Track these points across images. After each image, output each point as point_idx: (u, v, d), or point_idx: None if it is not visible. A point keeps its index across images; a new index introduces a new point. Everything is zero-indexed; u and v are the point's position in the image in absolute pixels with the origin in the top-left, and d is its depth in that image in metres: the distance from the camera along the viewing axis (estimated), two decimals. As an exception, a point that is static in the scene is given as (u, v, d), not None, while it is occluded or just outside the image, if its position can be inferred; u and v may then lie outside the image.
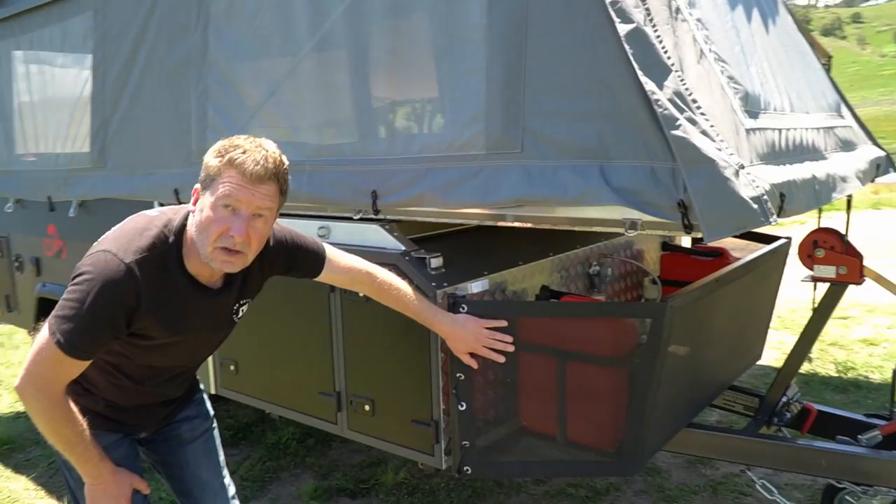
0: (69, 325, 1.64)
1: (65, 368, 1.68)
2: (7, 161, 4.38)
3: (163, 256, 1.73)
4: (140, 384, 1.94)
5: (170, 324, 1.79)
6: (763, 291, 3.34)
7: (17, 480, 3.86)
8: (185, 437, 2.17)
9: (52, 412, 1.70)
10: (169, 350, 1.87)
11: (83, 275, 1.66)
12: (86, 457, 1.78)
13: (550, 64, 2.07)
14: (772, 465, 2.66)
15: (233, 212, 1.70)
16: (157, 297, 1.71)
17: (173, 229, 1.76)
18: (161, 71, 3.29)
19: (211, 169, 1.72)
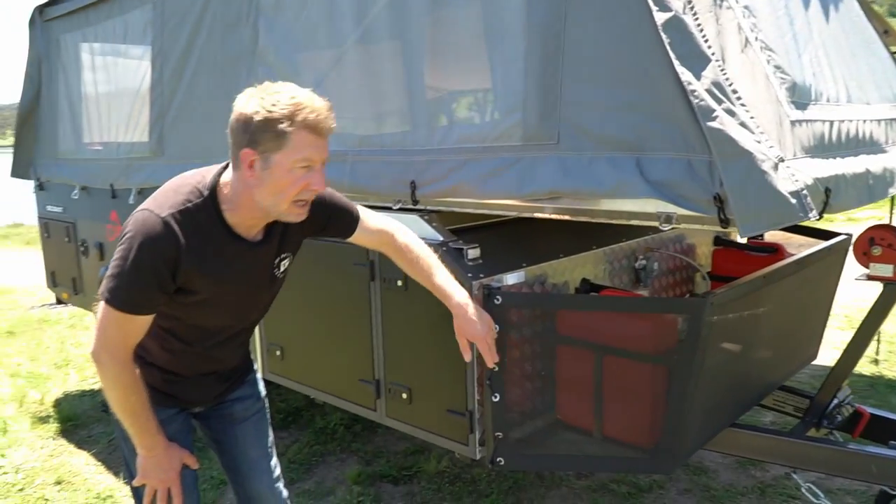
0: (117, 282, 1.70)
1: (127, 328, 1.74)
2: (75, 149, 4.56)
3: (199, 209, 1.76)
4: (192, 346, 1.98)
5: (212, 275, 1.82)
6: (819, 289, 3.22)
7: (78, 455, 4.03)
8: (237, 415, 2.22)
9: (123, 378, 1.77)
10: (215, 306, 1.90)
11: (125, 235, 1.72)
12: (145, 427, 1.85)
13: (589, 54, 2.04)
14: (819, 469, 2.57)
15: (309, 168, 1.74)
16: (197, 249, 1.75)
17: (207, 184, 1.79)
18: (214, 62, 3.37)
19: (274, 129, 1.67)
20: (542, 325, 2.44)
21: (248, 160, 1.71)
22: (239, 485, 2.27)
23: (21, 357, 5.98)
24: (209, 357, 2.06)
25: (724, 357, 2.60)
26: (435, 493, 3.41)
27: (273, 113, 1.67)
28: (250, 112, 1.68)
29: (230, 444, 2.24)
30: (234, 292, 1.92)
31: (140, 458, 1.90)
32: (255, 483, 2.25)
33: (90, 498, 3.52)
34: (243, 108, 1.70)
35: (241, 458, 2.24)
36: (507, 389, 2.37)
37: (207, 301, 1.87)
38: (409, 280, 2.56)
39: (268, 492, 2.26)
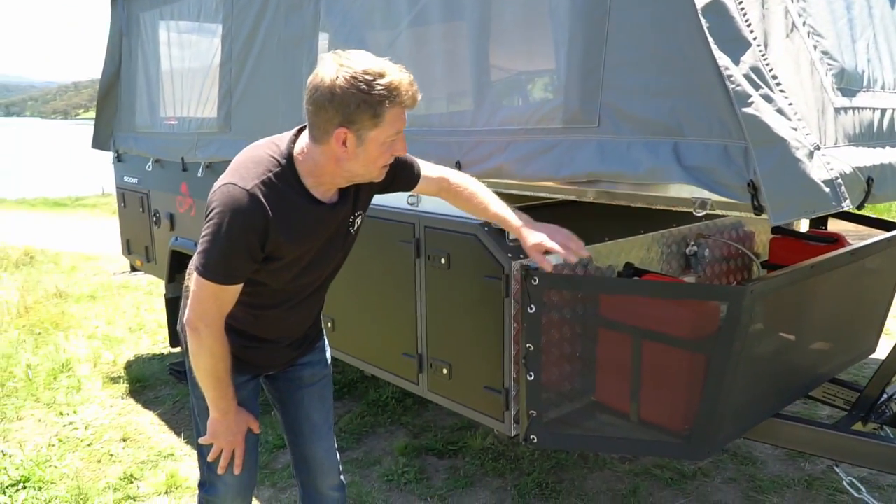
0: (210, 255, 1.80)
1: (221, 298, 1.86)
2: (150, 123, 4.76)
3: (280, 178, 1.84)
4: (273, 308, 2.09)
5: (297, 238, 1.91)
6: (879, 281, 3.13)
7: (144, 415, 4.27)
8: (305, 380, 2.33)
9: (216, 347, 1.90)
10: (297, 266, 2.00)
11: (213, 210, 1.81)
12: (224, 393, 1.99)
13: (631, 38, 2.04)
14: (862, 464, 2.52)
15: (397, 136, 1.84)
16: (282, 216, 1.84)
17: (283, 153, 1.87)
18: (279, 42, 3.48)
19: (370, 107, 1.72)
20: (580, 307, 2.47)
21: (342, 138, 1.77)
22: (298, 446, 2.38)
23: (99, 320, 6.33)
24: (288, 319, 2.16)
25: (766, 346, 2.57)
26: (478, 469, 3.48)
27: (372, 95, 1.71)
28: (343, 90, 1.70)
29: (295, 406, 2.35)
30: (315, 252, 2.01)
31: (212, 420, 2.04)
32: (314, 446, 2.36)
33: (152, 455, 3.73)
34: (333, 85, 1.70)
35: (303, 421, 2.35)
36: (542, 369, 2.41)
37: (290, 263, 1.96)
38: (452, 259, 2.63)
39: (324, 455, 2.38)
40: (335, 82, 1.71)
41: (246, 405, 2.13)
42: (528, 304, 2.35)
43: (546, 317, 2.39)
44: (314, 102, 1.76)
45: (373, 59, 1.76)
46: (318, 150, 1.84)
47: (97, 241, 10.73)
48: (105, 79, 5.21)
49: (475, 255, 2.52)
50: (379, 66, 1.74)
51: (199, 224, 1.87)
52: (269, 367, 2.27)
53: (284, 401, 2.36)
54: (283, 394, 2.36)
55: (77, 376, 4.89)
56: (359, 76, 1.70)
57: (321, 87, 1.73)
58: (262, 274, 1.95)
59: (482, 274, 2.50)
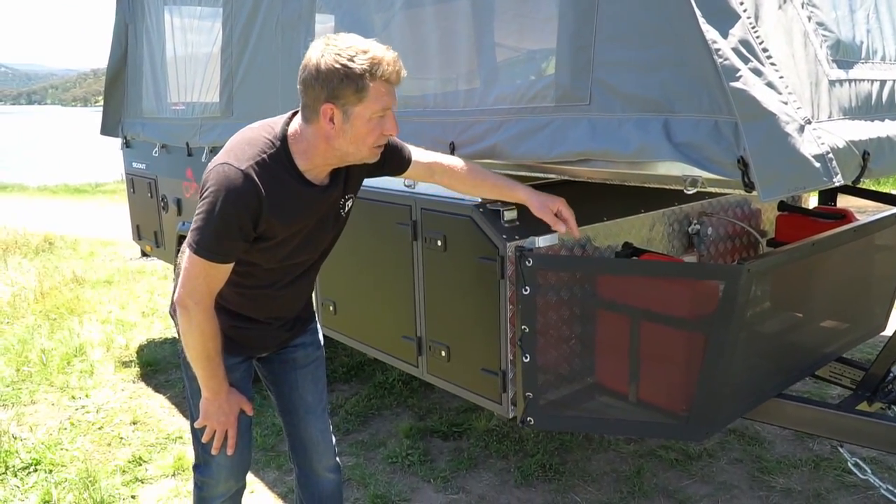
0: (203, 233, 1.81)
1: (211, 275, 1.87)
2: (156, 109, 4.78)
3: (273, 159, 1.87)
4: (264, 288, 2.10)
5: (288, 219, 1.93)
6: (887, 258, 3.07)
7: (154, 398, 4.31)
8: (299, 361, 2.34)
9: (205, 325, 1.91)
10: (288, 247, 2.01)
11: (207, 189, 1.83)
12: (214, 373, 1.99)
13: (622, 12, 1.99)
14: (866, 444, 2.47)
15: (384, 115, 1.85)
16: (275, 196, 1.86)
17: (277, 135, 1.90)
18: (277, 25, 3.46)
19: (354, 83, 1.76)
20: (576, 287, 2.44)
21: (329, 114, 1.81)
22: (293, 426, 2.39)
23: (113, 305, 6.39)
24: (279, 299, 2.17)
25: (767, 325, 2.53)
26: (482, 451, 3.47)
27: (353, 68, 1.75)
28: (327, 67, 1.76)
29: (289, 387, 2.36)
30: (306, 233, 2.02)
31: (203, 401, 2.05)
32: (309, 427, 2.37)
33: (160, 438, 3.77)
34: (318, 63, 1.77)
35: (298, 402, 2.36)
36: (538, 351, 2.39)
37: (281, 243, 1.98)
38: (448, 240, 2.61)
39: (319, 436, 2.39)
40: (320, 60, 1.77)
41: (239, 387, 2.14)
42: (522, 286, 2.33)
43: (542, 298, 2.37)
44: (303, 82, 1.82)
45: (358, 39, 1.81)
46: (310, 131, 1.87)
47: (115, 226, 10.82)
48: (112, 65, 5.24)
49: (470, 236, 2.50)
50: (363, 44, 1.80)
51: None
52: (261, 348, 2.28)
53: (278, 382, 2.38)
54: (276, 375, 2.37)
55: (90, 360, 4.95)
56: (342, 52, 1.76)
57: (308, 67, 1.79)
58: (254, 253, 1.96)
59: (477, 255, 2.48)
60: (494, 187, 2.30)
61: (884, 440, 2.42)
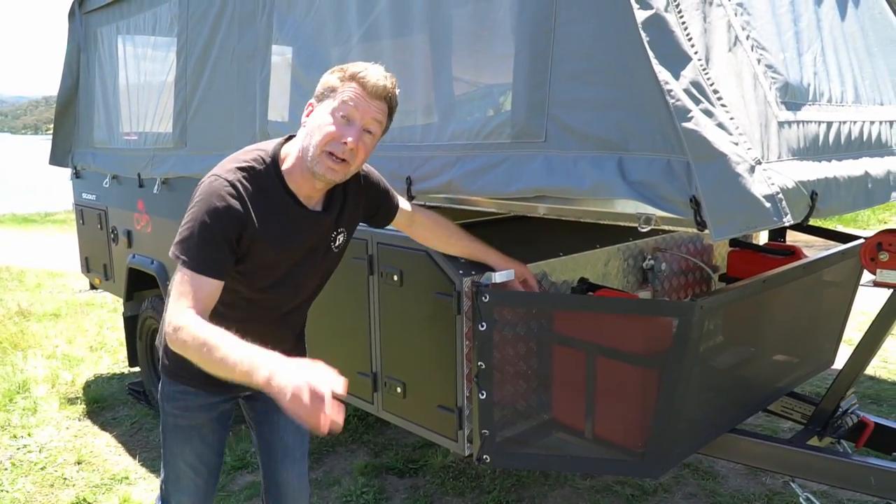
0: (189, 243, 1.76)
1: (204, 290, 1.73)
2: (107, 139, 4.69)
3: (262, 174, 1.86)
4: (251, 323, 1.99)
5: (275, 237, 1.87)
6: (835, 294, 3.14)
7: (101, 437, 4.17)
8: None
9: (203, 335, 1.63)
10: (275, 274, 1.95)
11: (194, 199, 1.81)
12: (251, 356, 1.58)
13: (577, 51, 2.01)
14: (816, 479, 2.51)
15: (348, 121, 1.83)
16: (261, 210, 1.83)
17: (269, 152, 1.91)
18: (233, 56, 3.43)
19: (330, 82, 1.87)
20: (533, 323, 2.44)
21: (308, 110, 1.90)
22: (270, 468, 2.32)
23: (60, 339, 6.20)
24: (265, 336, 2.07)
25: (721, 361, 2.55)
26: (438, 488, 3.42)
27: (339, 72, 1.87)
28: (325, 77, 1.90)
29: (270, 427, 2.29)
30: (293, 259, 1.97)
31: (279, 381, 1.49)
32: (286, 470, 2.30)
33: (106, 478, 3.64)
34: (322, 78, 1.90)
35: (277, 444, 2.29)
36: (495, 387, 2.37)
37: (267, 267, 1.92)
38: (404, 275, 2.59)
39: (296, 481, 2.32)
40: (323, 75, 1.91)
41: (215, 427, 2.09)
42: (479, 322, 2.31)
43: (498, 334, 2.35)
44: None
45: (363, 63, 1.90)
46: (298, 137, 1.93)
47: (65, 257, 10.55)
48: (63, 94, 5.14)
49: (427, 271, 2.48)
50: (363, 63, 1.89)
51: (157, 241, 1.83)
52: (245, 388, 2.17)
53: (260, 422, 2.31)
54: (259, 415, 2.30)
55: (34, 397, 4.77)
56: (341, 66, 1.89)
57: None
58: (238, 278, 1.89)
59: (434, 290, 2.46)
60: (467, 248, 2.36)
61: (833, 475, 2.45)
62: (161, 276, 4.02)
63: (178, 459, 2.10)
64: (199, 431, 2.13)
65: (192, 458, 2.12)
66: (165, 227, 3.99)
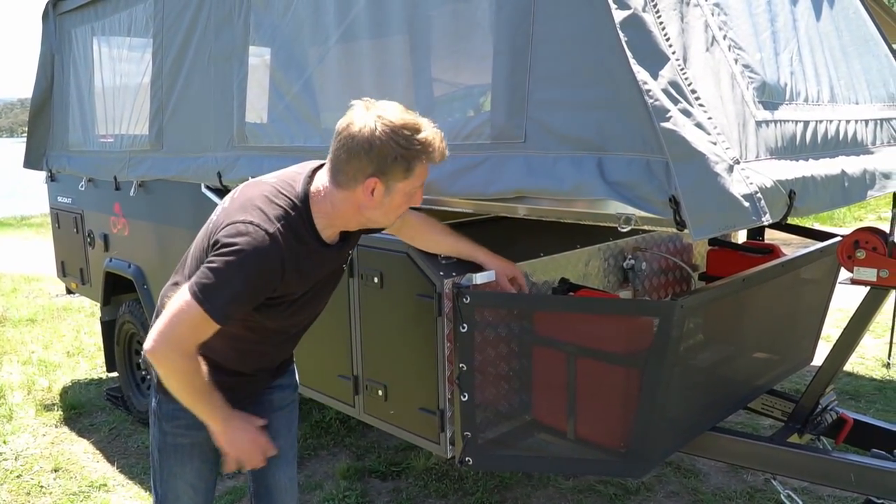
0: (218, 290, 1.70)
1: (204, 331, 1.74)
2: (83, 142, 4.63)
3: (296, 221, 1.82)
4: (262, 344, 2.02)
5: (303, 280, 1.88)
6: (813, 292, 3.16)
7: (78, 443, 4.11)
8: (275, 403, 2.27)
9: (187, 366, 1.78)
10: (299, 305, 1.95)
11: (231, 246, 1.72)
12: (214, 403, 1.88)
13: (556, 52, 2.01)
14: (797, 476, 2.52)
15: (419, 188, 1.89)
16: (295, 259, 1.80)
17: (299, 195, 1.84)
18: (210, 57, 3.40)
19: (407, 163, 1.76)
20: (514, 324, 2.43)
21: (371, 187, 1.78)
22: (260, 472, 2.28)
23: (36, 345, 6.12)
24: (273, 354, 2.12)
25: (701, 359, 2.56)
26: (421, 490, 3.41)
27: (409, 150, 1.75)
28: (382, 143, 1.72)
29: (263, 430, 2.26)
30: (313, 292, 1.98)
31: (219, 435, 1.91)
32: (277, 472, 2.29)
33: (83, 486, 3.59)
34: (371, 137, 1.72)
35: None
36: (476, 389, 2.36)
37: (291, 303, 1.92)
38: (384, 277, 2.58)
39: (287, 483, 2.33)
40: (374, 133, 1.72)
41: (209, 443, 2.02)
42: (460, 323, 2.30)
43: (480, 335, 2.35)
44: (348, 150, 1.76)
45: (407, 112, 1.80)
46: (341, 196, 1.82)
47: (41, 261, 10.40)
48: (37, 96, 5.06)
49: (407, 273, 2.47)
50: (415, 120, 1.78)
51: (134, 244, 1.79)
52: (244, 398, 2.15)
53: None
54: None
55: (9, 404, 4.70)
56: (398, 130, 1.74)
57: (357, 137, 1.73)
58: (261, 314, 1.88)
59: (414, 292, 2.45)
60: (454, 246, 2.35)
61: (814, 472, 2.47)
62: (139, 280, 3.98)
63: (178, 480, 2.05)
64: (200, 449, 2.09)
65: (193, 477, 2.08)
66: (143, 230, 3.95)
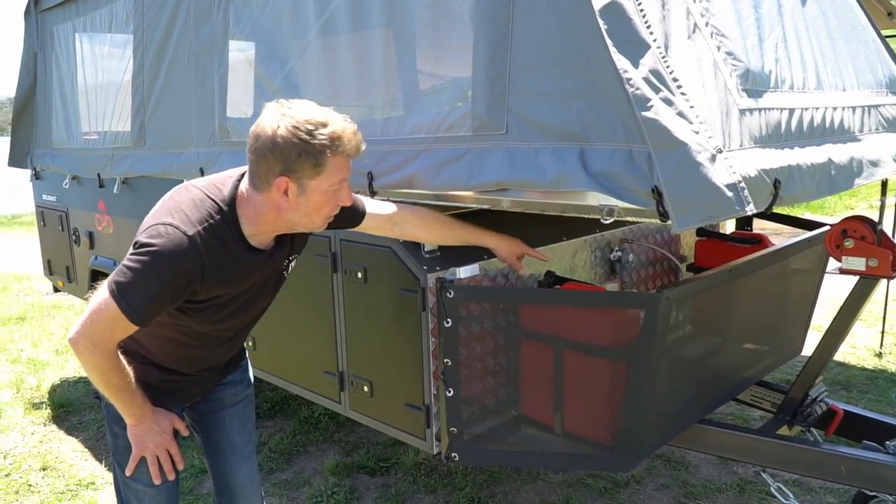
0: (131, 289, 1.66)
1: (121, 330, 1.72)
2: (66, 139, 4.58)
3: (220, 225, 1.76)
4: (197, 348, 2.00)
5: (228, 285, 1.83)
6: (802, 282, 3.14)
7: (67, 442, 4.07)
8: (227, 400, 2.24)
9: (104, 364, 1.76)
10: (227, 311, 1.91)
11: (148, 246, 1.68)
12: (131, 400, 1.87)
13: (536, 41, 1.98)
14: (787, 469, 2.50)
15: (340, 188, 1.80)
16: (217, 264, 1.75)
17: (226, 199, 1.79)
18: (190, 52, 3.35)
19: (308, 156, 1.68)
20: (499, 318, 2.40)
21: (283, 187, 1.73)
22: (219, 469, 2.27)
23: (25, 343, 6.07)
24: (211, 355, 2.07)
25: (689, 351, 2.54)
26: (410, 485, 3.38)
27: (313, 144, 1.68)
28: (284, 140, 1.67)
29: (215, 427, 2.25)
30: (247, 297, 1.93)
31: (131, 431, 1.92)
32: (235, 469, 2.26)
33: (72, 484, 3.55)
34: (274, 134, 1.67)
35: (224, 442, 2.25)
36: (462, 384, 2.33)
37: (218, 307, 1.88)
38: (368, 272, 2.54)
39: (246, 479, 2.28)
40: (276, 132, 1.68)
41: None
42: (444, 318, 2.28)
43: (464, 330, 2.32)
44: (255, 151, 1.72)
45: (316, 109, 1.74)
46: (259, 199, 1.78)
47: (32, 259, 10.31)
48: (20, 94, 5.01)
49: (391, 268, 2.44)
50: (322, 115, 1.72)
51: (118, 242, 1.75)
52: (190, 398, 2.16)
53: (205, 422, 2.25)
54: (202, 415, 2.25)
55: (-3, 404, 4.66)
56: (300, 125, 1.68)
57: (262, 136, 1.70)
58: (188, 316, 1.86)
59: (398, 287, 2.42)
60: (463, 234, 2.32)
61: (804, 464, 2.45)
62: (124, 278, 3.93)
63: (136, 483, 2.02)
64: None
65: (150, 478, 2.04)
66: (127, 227, 3.90)
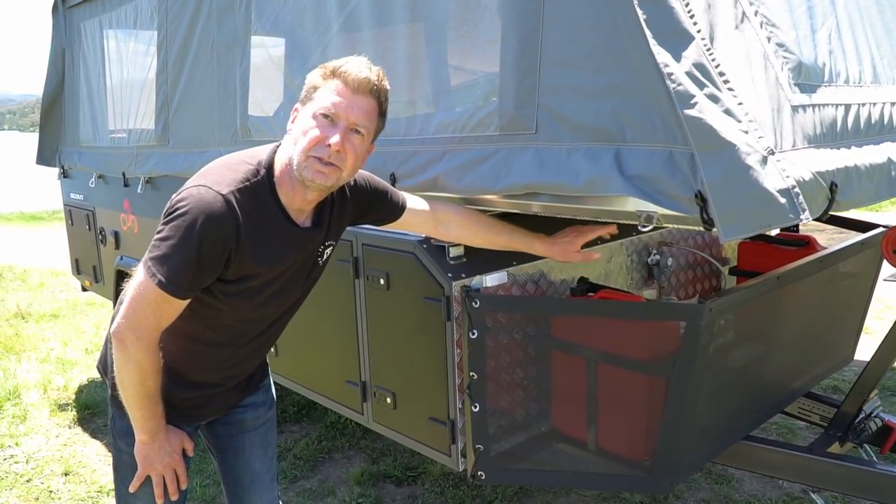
0: (168, 261, 1.57)
1: (164, 310, 1.63)
2: (93, 137, 4.54)
3: (256, 188, 1.67)
4: (225, 346, 1.87)
5: (265, 258, 1.71)
6: (853, 287, 2.95)
7: (91, 445, 4.03)
8: (248, 424, 2.10)
9: (146, 362, 1.67)
10: (260, 294, 1.79)
11: (179, 209, 1.58)
12: (153, 412, 1.77)
13: (568, 33, 1.84)
14: (838, 490, 2.34)
15: (332, 122, 1.65)
16: (253, 229, 1.65)
17: (263, 162, 1.71)
18: (212, 49, 3.26)
19: (312, 82, 1.70)
20: (529, 328, 2.26)
21: (293, 116, 1.73)
22: (237, 497, 2.15)
23: (56, 341, 6.08)
24: (236, 357, 1.94)
25: (732, 364, 2.38)
26: (438, 497, 3.27)
27: (321, 70, 1.69)
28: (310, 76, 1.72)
29: (234, 453, 2.12)
30: (280, 278, 1.81)
31: (140, 448, 1.82)
32: (254, 498, 2.14)
33: (92, 491, 3.50)
34: None
35: (244, 470, 2.12)
36: (489, 399, 2.20)
37: (255, 290, 1.76)
38: (391, 279, 2.42)
39: None
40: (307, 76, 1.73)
41: None
42: (470, 329, 2.15)
43: (491, 342, 2.19)
44: None
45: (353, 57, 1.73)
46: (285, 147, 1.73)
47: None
48: (48, 92, 4.99)
49: (414, 274, 2.31)
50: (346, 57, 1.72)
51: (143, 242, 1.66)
52: (207, 415, 2.03)
53: (222, 447, 2.12)
54: (221, 439, 2.12)
55: (24, 404, 4.64)
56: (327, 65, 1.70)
57: None
58: (222, 299, 1.73)
59: (422, 295, 2.29)
60: (510, 239, 2.16)
61: (856, 485, 2.29)
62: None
63: (139, 501, 1.91)
64: None
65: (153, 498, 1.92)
66: (152, 227, 3.80)
